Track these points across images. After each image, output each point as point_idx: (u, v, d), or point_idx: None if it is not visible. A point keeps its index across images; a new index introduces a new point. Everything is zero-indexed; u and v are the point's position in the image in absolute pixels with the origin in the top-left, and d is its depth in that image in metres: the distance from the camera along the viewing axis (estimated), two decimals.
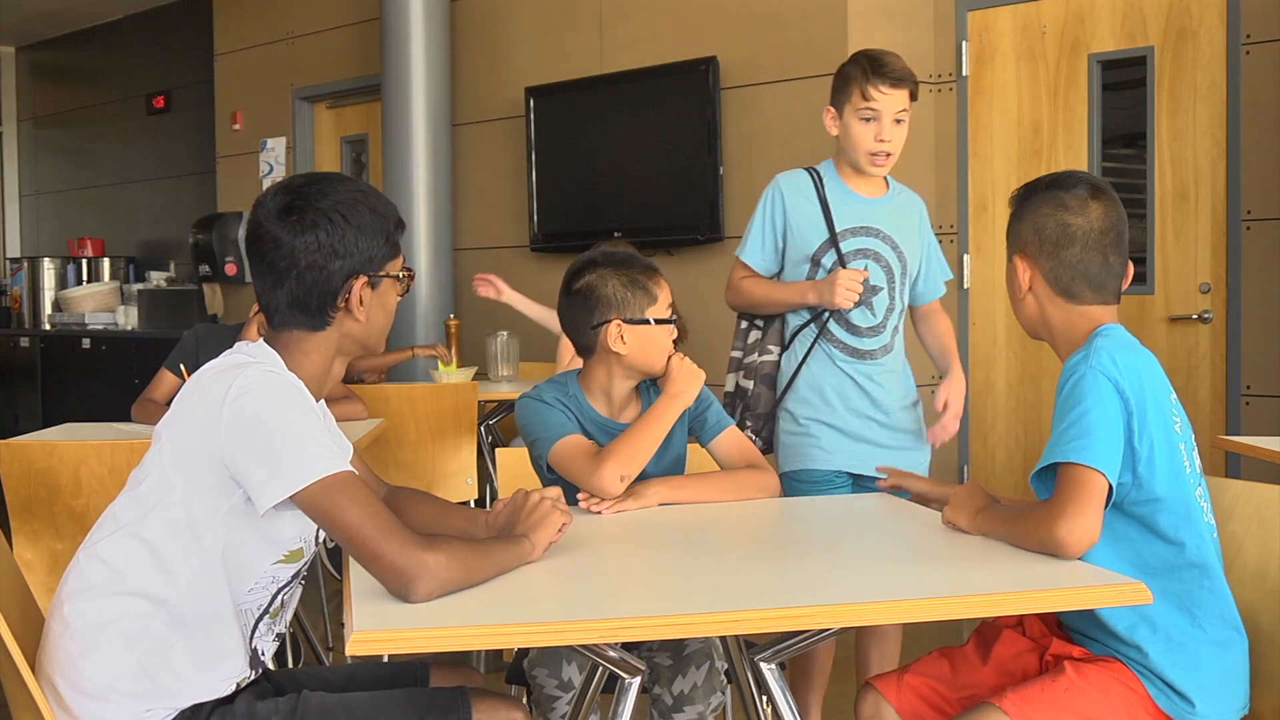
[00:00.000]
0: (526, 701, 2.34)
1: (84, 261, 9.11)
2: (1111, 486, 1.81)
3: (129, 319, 8.41)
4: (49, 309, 8.94)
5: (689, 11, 5.41)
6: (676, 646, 2.35)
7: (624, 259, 2.41)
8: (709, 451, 2.49)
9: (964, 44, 5.02)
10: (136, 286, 8.55)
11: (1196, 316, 4.51)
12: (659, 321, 2.36)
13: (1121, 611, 1.89)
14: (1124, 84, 4.72)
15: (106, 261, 9.19)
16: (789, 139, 5.07)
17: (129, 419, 3.65)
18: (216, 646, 1.78)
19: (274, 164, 7.49)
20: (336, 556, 4.91)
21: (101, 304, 8.62)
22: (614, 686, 1.99)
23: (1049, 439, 1.88)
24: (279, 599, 1.86)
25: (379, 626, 1.49)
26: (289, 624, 2.02)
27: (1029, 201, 2.03)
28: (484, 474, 4.68)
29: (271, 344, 1.83)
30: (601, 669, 2.03)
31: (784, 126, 5.10)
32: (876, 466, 2.46)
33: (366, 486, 1.69)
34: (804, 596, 1.66)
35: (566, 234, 5.79)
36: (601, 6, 5.74)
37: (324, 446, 1.69)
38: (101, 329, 8.37)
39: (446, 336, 5.05)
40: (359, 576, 1.66)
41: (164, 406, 3.52)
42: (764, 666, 2.03)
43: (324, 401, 1.92)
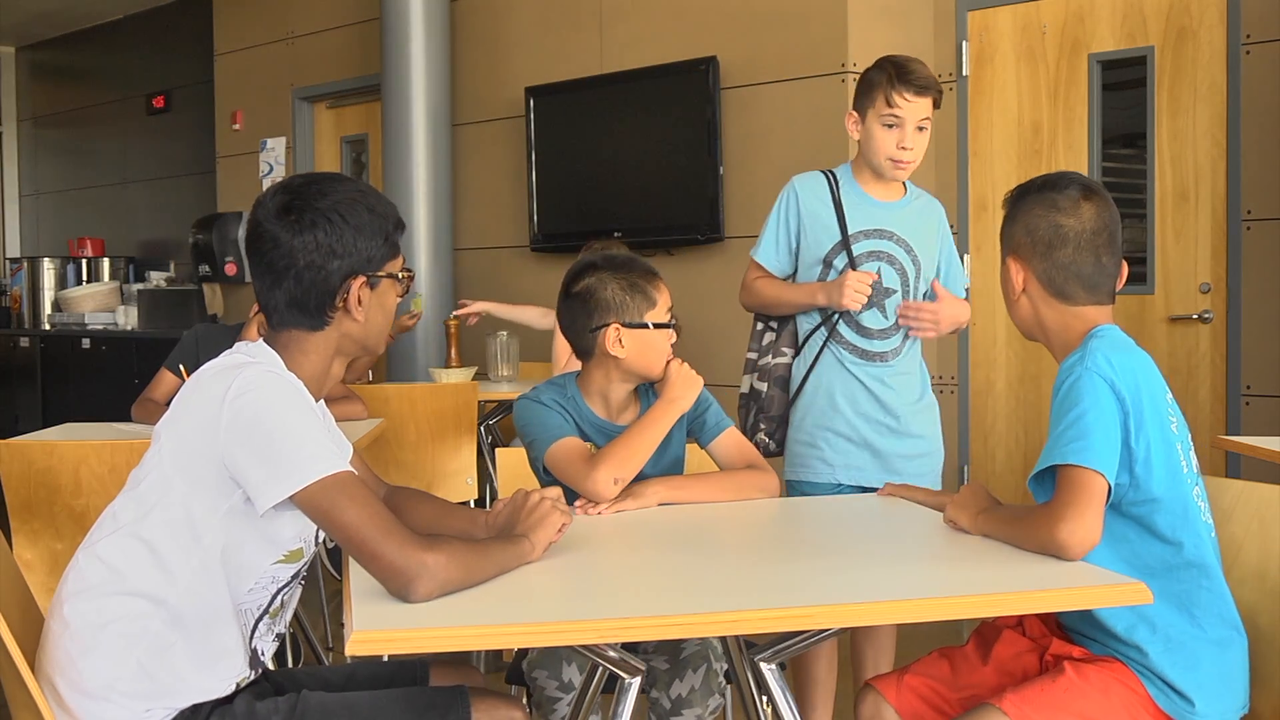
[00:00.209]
0: (526, 702, 2.34)
1: (84, 261, 9.11)
2: (1110, 487, 1.81)
3: (129, 319, 8.41)
4: (49, 309, 8.93)
5: (689, 11, 5.41)
6: (674, 650, 2.34)
7: (623, 262, 2.40)
8: (708, 453, 2.49)
9: (964, 44, 5.02)
10: (136, 286, 8.54)
11: (1196, 316, 4.51)
12: (657, 326, 2.36)
13: (1121, 612, 1.90)
14: (1124, 84, 4.72)
15: (106, 261, 9.19)
16: (789, 139, 5.07)
17: (129, 419, 3.65)
18: (216, 646, 1.78)
19: (274, 164, 7.49)
20: (336, 556, 4.91)
21: (101, 304, 8.62)
22: (614, 687, 1.99)
23: (1046, 441, 1.88)
24: (279, 599, 1.87)
25: (379, 626, 1.49)
26: (289, 624, 2.02)
27: (1021, 203, 2.03)
28: (484, 474, 4.68)
29: (271, 344, 1.83)
30: (601, 669, 2.03)
31: (784, 126, 5.10)
32: (879, 491, 2.43)
33: (366, 487, 1.69)
34: (804, 596, 1.66)
35: (566, 234, 5.78)
36: (601, 6, 5.74)
37: (323, 447, 1.69)
38: (101, 329, 8.37)
39: (446, 336, 5.04)
40: (359, 576, 1.66)
41: (164, 406, 3.51)
42: (764, 667, 2.03)
43: (324, 401, 1.92)
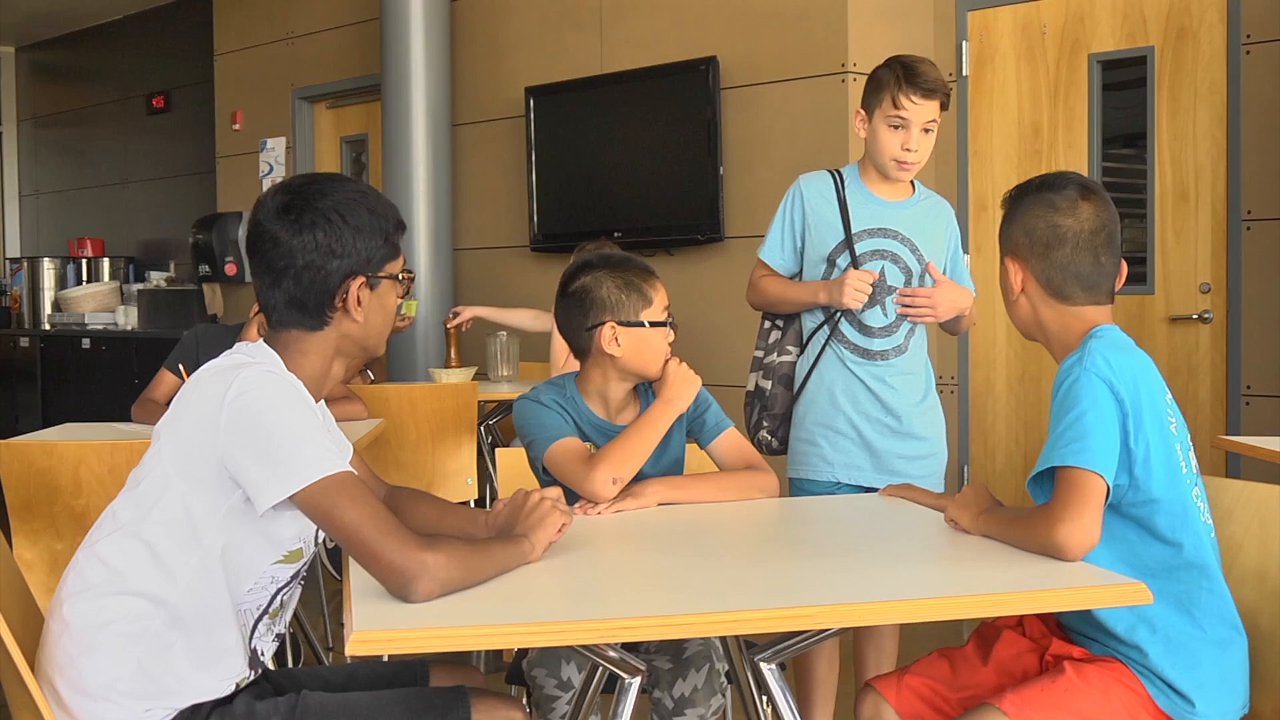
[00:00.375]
0: (526, 702, 2.34)
1: (84, 261, 9.11)
2: (1109, 488, 1.81)
3: (129, 319, 8.41)
4: (49, 309, 8.93)
5: (689, 11, 5.41)
6: (676, 649, 2.34)
7: (620, 261, 2.40)
8: (708, 453, 2.49)
9: (964, 44, 5.02)
10: (136, 286, 8.55)
11: (1196, 316, 4.51)
12: (654, 325, 2.36)
13: (1121, 612, 1.89)
14: (1124, 84, 4.72)
15: (106, 261, 9.19)
16: (789, 139, 5.07)
17: (129, 419, 3.65)
18: (216, 646, 1.78)
19: (274, 164, 7.49)
20: (336, 556, 4.91)
21: (101, 304, 8.62)
22: (614, 687, 1.99)
23: (1045, 442, 1.88)
24: (278, 599, 1.87)
25: (379, 626, 1.49)
26: (289, 624, 2.02)
27: (1020, 203, 2.03)
28: (484, 474, 4.68)
29: (271, 344, 1.83)
30: (601, 669, 2.03)
31: (784, 126, 5.09)
32: (880, 491, 2.43)
33: (366, 487, 1.69)
34: (804, 596, 1.66)
35: (566, 234, 5.78)
36: (601, 6, 5.74)
37: (323, 447, 1.68)
38: (101, 329, 8.37)
39: (446, 337, 5.05)
40: (359, 576, 1.66)
41: (164, 406, 3.50)
42: (764, 667, 2.03)
43: (324, 402, 1.92)
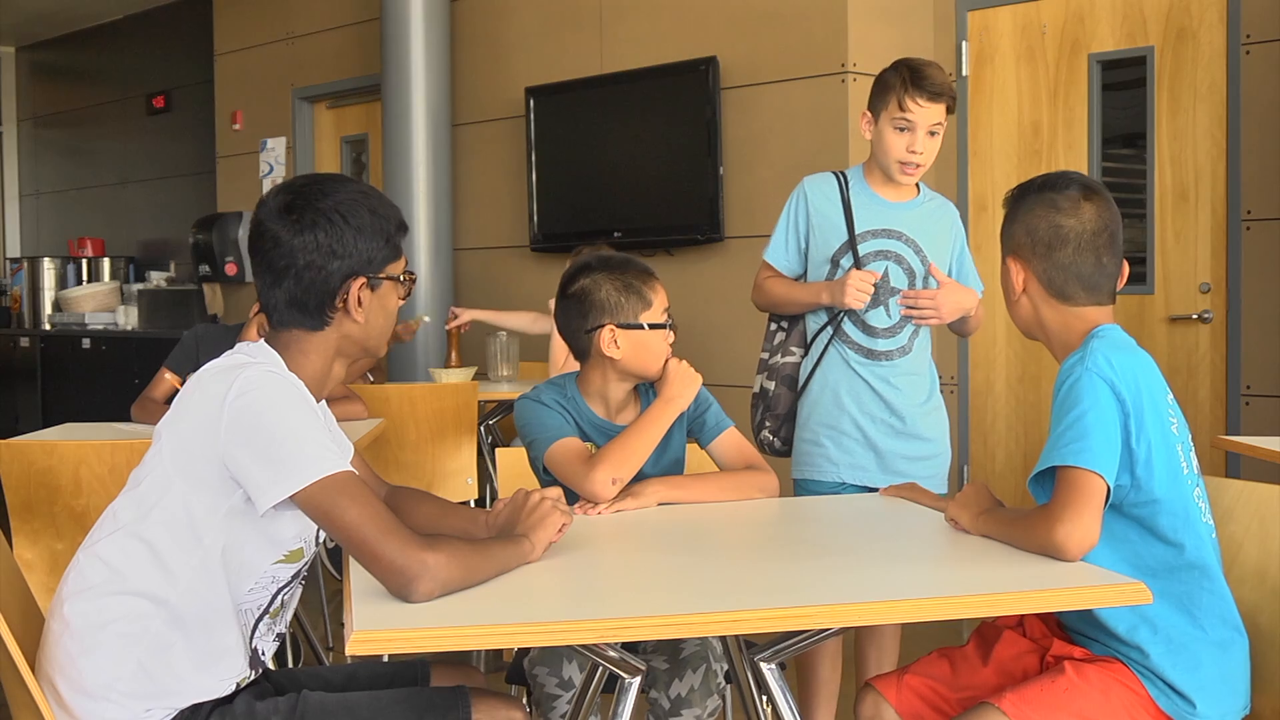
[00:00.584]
0: (526, 701, 2.34)
1: (84, 261, 9.11)
2: (1110, 488, 1.81)
3: (129, 319, 8.41)
4: (49, 309, 8.94)
5: (689, 11, 5.41)
6: (673, 650, 2.34)
7: (619, 263, 2.40)
8: (708, 453, 2.49)
9: (964, 44, 5.02)
10: (136, 286, 8.55)
11: (1196, 316, 4.51)
12: (653, 327, 2.36)
13: (1122, 613, 1.89)
14: (1124, 84, 4.72)
15: (106, 261, 9.19)
16: (789, 139, 5.07)
17: (129, 419, 3.65)
18: (216, 646, 1.78)
19: (274, 164, 7.49)
20: (336, 556, 4.91)
21: (101, 304, 8.62)
22: (614, 686, 1.99)
23: (1046, 442, 1.87)
24: (279, 599, 1.87)
25: (379, 626, 1.49)
26: (289, 624, 2.02)
27: (1021, 203, 2.03)
28: (484, 474, 4.68)
29: (272, 344, 1.83)
30: (601, 669, 2.03)
31: (784, 126, 5.09)
32: (881, 491, 2.44)
33: (366, 487, 1.69)
34: (804, 596, 1.66)
35: (566, 234, 5.78)
36: (601, 6, 5.74)
37: (324, 447, 1.69)
38: (101, 329, 8.37)
39: (447, 338, 5.05)
40: (359, 576, 1.66)
41: (164, 406, 3.52)
42: (764, 666, 2.04)
43: (324, 401, 1.92)
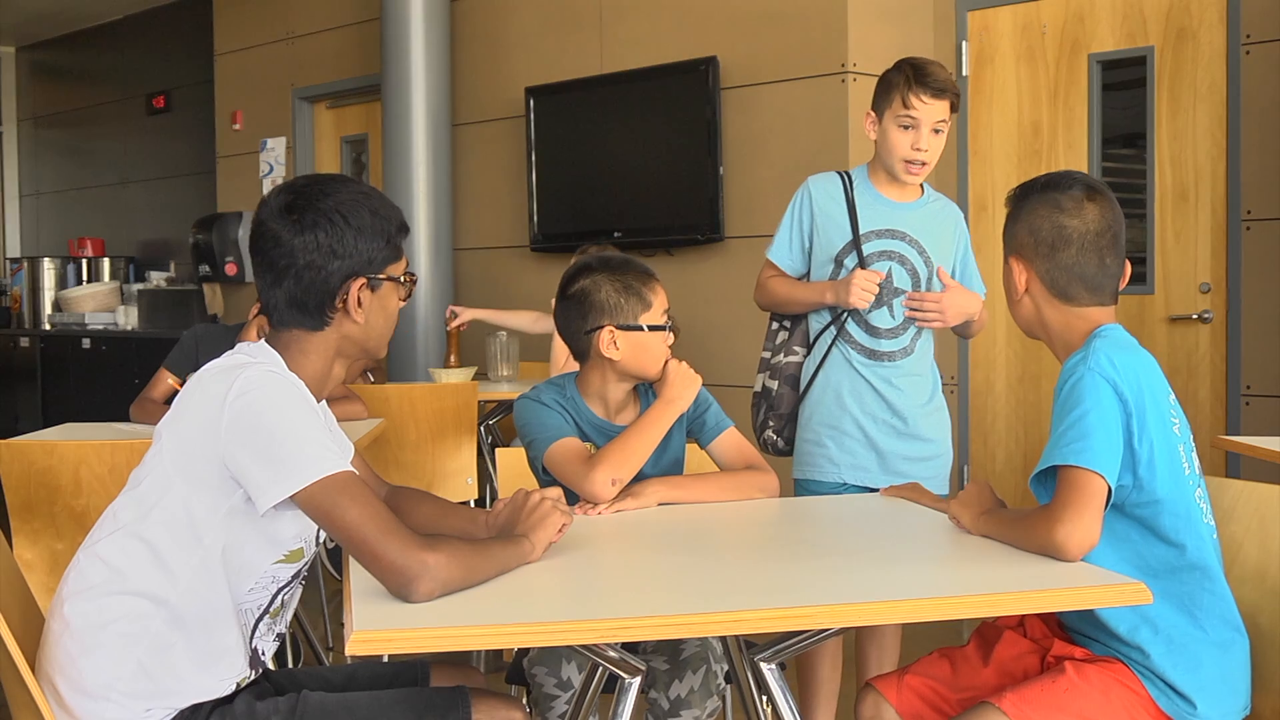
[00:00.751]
0: (526, 701, 2.34)
1: (84, 261, 9.11)
2: (1111, 489, 1.81)
3: (129, 319, 8.41)
4: (49, 309, 8.94)
5: (689, 11, 5.41)
6: (673, 650, 2.34)
7: (619, 264, 2.40)
8: (708, 453, 2.49)
9: (964, 44, 5.02)
10: (136, 286, 8.55)
11: (1196, 316, 4.51)
12: (652, 328, 2.35)
13: (1123, 613, 1.89)
14: (1124, 84, 4.72)
15: (106, 261, 9.19)
16: (789, 139, 5.07)
17: (129, 419, 3.65)
18: (216, 646, 1.78)
19: (274, 164, 7.49)
20: (336, 556, 4.91)
21: (101, 304, 8.62)
22: (614, 686, 1.99)
23: (1048, 441, 1.87)
24: (279, 599, 1.87)
25: (379, 626, 1.49)
26: (289, 624, 2.02)
27: (1024, 203, 2.03)
28: (484, 474, 4.68)
29: (272, 344, 1.83)
30: (601, 669, 2.03)
31: (784, 126, 5.09)
32: (881, 491, 2.44)
33: (367, 487, 1.69)
34: (804, 596, 1.66)
35: (566, 234, 5.78)
36: (601, 6, 5.74)
37: (325, 447, 1.69)
38: (101, 329, 8.37)
39: (447, 338, 5.05)
40: (359, 576, 1.66)
41: (163, 406, 3.52)
42: (764, 667, 2.03)
43: (325, 401, 1.92)
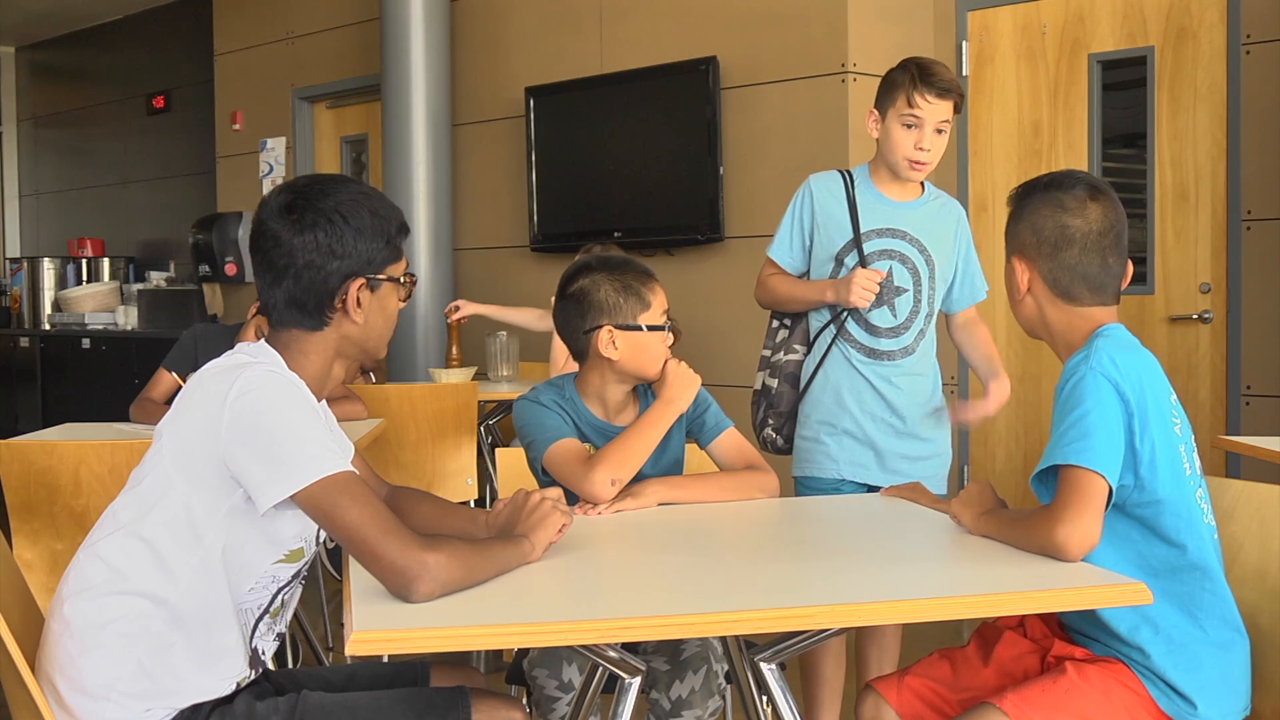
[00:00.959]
0: (526, 702, 2.34)
1: (84, 261, 9.11)
2: (1112, 488, 1.81)
3: (129, 319, 8.41)
4: (49, 309, 8.94)
5: (689, 11, 5.40)
6: (674, 651, 2.34)
7: (619, 264, 2.40)
8: (708, 453, 2.49)
9: (964, 44, 5.01)
10: (136, 286, 8.55)
11: (1196, 316, 4.51)
12: (651, 328, 2.35)
13: (1123, 613, 1.89)
14: (1124, 84, 4.72)
15: (106, 261, 9.19)
16: (789, 139, 5.07)
17: (128, 419, 3.65)
18: (216, 646, 1.78)
19: (274, 164, 7.49)
20: (336, 556, 4.91)
21: (101, 304, 8.61)
22: (614, 687, 1.99)
23: (1049, 440, 1.87)
24: (279, 599, 1.86)
25: (379, 626, 1.49)
26: (289, 624, 2.02)
27: (1027, 202, 2.03)
28: (484, 474, 4.68)
29: (272, 344, 1.83)
30: (601, 669, 2.03)
31: (784, 126, 5.09)
32: (882, 491, 2.44)
33: (367, 487, 1.69)
34: (804, 596, 1.66)
35: (566, 234, 5.78)
36: (601, 6, 5.74)
37: (325, 446, 1.68)
38: (101, 329, 8.37)
39: (448, 331, 5.06)
40: (359, 576, 1.66)
41: (162, 406, 3.52)
42: (764, 667, 2.03)
43: (325, 401, 1.91)
